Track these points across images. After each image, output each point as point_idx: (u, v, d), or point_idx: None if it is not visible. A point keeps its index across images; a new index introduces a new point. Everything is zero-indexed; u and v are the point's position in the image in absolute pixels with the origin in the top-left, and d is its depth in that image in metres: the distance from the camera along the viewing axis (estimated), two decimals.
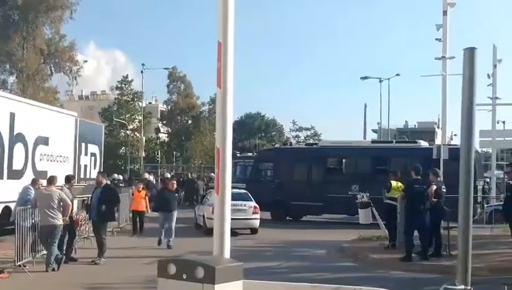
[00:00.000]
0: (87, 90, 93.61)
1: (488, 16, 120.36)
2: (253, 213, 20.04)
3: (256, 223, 20.27)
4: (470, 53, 3.55)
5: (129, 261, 14.01)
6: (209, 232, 18.60)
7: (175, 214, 16.69)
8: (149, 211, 19.78)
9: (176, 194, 17.65)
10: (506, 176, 15.03)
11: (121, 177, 35.07)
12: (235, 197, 16.06)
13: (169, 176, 34.67)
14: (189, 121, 65.92)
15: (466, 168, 3.65)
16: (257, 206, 20.47)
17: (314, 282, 7.36)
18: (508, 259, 11.98)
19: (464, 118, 3.59)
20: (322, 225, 23.84)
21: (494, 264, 12.16)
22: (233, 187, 16.44)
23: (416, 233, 13.73)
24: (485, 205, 23.72)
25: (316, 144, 33.64)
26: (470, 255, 3.80)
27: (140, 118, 57.40)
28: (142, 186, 20.55)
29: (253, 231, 20.07)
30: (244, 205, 19.69)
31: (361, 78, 50.34)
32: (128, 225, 19.91)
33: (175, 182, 18.19)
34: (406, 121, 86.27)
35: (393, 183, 15.80)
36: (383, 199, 16.00)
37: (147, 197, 19.93)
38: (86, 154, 20.95)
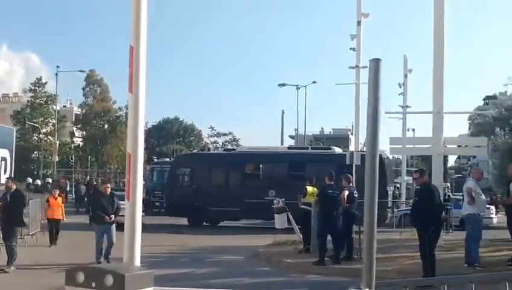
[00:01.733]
0: (1, 93, 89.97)
1: (401, 26, 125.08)
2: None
3: (143, 219, 23.10)
4: (375, 64, 3.67)
5: (39, 269, 13.52)
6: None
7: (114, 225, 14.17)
8: (64, 219, 18.96)
9: (111, 199, 14.56)
10: (415, 182, 15.64)
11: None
12: (122, 197, 22.56)
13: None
14: (105, 126, 64.68)
15: (371, 174, 3.76)
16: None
17: (227, 287, 7.41)
18: (415, 262, 12.44)
19: (369, 127, 3.70)
20: (239, 230, 23.93)
21: (402, 267, 12.62)
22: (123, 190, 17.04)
23: (329, 237, 14.05)
24: (395, 210, 24.59)
25: (233, 149, 33.82)
26: (374, 258, 3.92)
27: (54, 121, 55.77)
28: (58, 192, 19.51)
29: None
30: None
31: (278, 85, 51.03)
32: (40, 232, 19.17)
33: (109, 185, 15.81)
34: (322, 128, 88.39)
35: (309, 188, 16.12)
36: (299, 204, 16.29)
37: (63, 205, 19.02)
38: None
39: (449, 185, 36.37)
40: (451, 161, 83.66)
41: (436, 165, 16.34)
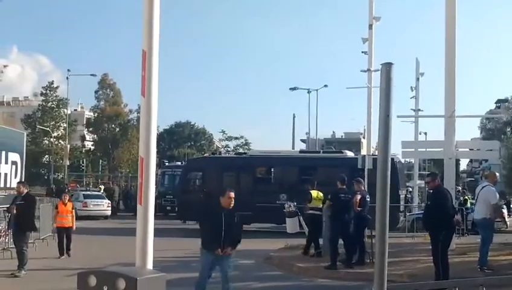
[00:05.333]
0: (11, 96, 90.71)
1: (413, 30, 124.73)
2: (107, 207, 32.83)
3: (108, 213, 32.68)
4: (387, 68, 3.65)
5: (50, 274, 13.56)
6: (78, 218, 20.93)
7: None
8: (75, 227, 17.04)
9: (233, 216, 9.64)
10: (427, 186, 15.58)
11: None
12: (94, 196, 34.13)
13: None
14: (117, 129, 64.80)
15: (383, 178, 3.75)
16: (109, 202, 33.51)
17: None
18: (426, 266, 12.38)
19: (381, 131, 3.69)
20: (250, 234, 23.68)
21: (414, 271, 12.55)
22: (93, 190, 33.22)
23: (341, 241, 14.01)
24: (407, 214, 24.47)
25: (245, 153, 33.83)
26: (386, 262, 3.91)
27: (65, 125, 56.00)
28: (68, 197, 17.83)
29: (106, 217, 31.99)
30: (102, 202, 32.87)
31: (290, 88, 51.07)
32: (51, 236, 19.15)
33: (233, 193, 9.70)
34: (334, 132, 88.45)
35: (314, 193, 16.20)
36: (306, 210, 16.37)
37: (74, 211, 17.32)
38: (6, 162, 20.18)
39: (460, 188, 36.09)
40: (463, 164, 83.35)
41: (448, 169, 16.28)
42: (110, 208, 33.30)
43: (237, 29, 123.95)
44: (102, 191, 40.56)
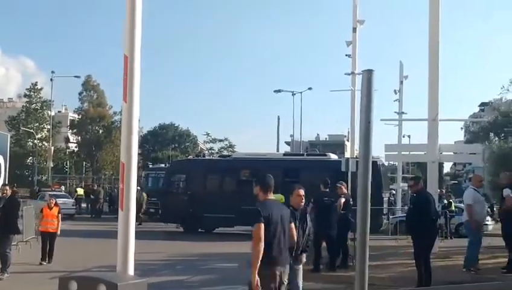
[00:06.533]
0: None
1: (397, 33, 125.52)
2: (71, 206, 34.13)
3: (73, 212, 33.62)
4: (368, 75, 3.67)
5: (34, 277, 13.46)
6: None
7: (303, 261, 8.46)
8: (59, 232, 15.96)
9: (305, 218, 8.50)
10: (410, 189, 15.67)
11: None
12: (59, 196, 31.03)
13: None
14: (100, 131, 64.49)
15: (364, 182, 3.77)
16: (74, 201, 35.78)
17: None
18: (409, 269, 12.44)
19: (362, 137, 3.71)
20: (234, 237, 23.81)
21: (397, 275, 12.61)
22: (58, 191, 32.04)
23: (324, 245, 14.02)
24: (391, 217, 24.57)
25: (229, 156, 33.80)
26: (367, 265, 3.94)
27: (49, 127, 55.69)
28: (54, 201, 16.72)
29: (72, 217, 31.56)
30: (67, 201, 33.34)
31: (274, 91, 50.93)
32: (34, 238, 18.96)
33: (302, 190, 8.32)
34: (318, 134, 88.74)
35: (278, 196, 16.26)
36: None
37: (59, 215, 16.23)
38: None
39: (444, 191, 36.39)
40: (447, 167, 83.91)
41: (431, 172, 16.36)
42: (74, 207, 35.31)
43: (221, 31, 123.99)
44: (80, 193, 40.08)
